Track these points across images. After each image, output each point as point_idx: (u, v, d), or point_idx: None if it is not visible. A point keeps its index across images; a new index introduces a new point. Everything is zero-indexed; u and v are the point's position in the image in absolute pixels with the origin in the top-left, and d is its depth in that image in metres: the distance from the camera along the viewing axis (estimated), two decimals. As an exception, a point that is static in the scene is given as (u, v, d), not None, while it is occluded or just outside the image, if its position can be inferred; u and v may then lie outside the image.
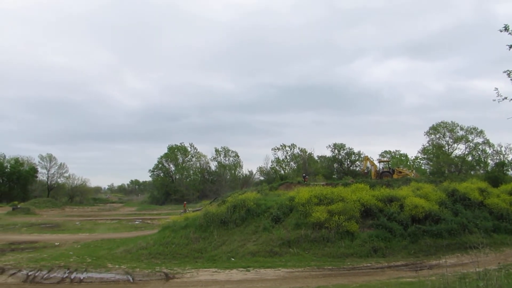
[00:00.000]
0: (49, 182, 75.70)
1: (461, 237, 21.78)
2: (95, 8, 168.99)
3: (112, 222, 40.81)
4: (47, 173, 76.04)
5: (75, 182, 76.32)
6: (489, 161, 55.79)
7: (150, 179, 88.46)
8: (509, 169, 53.54)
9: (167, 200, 75.89)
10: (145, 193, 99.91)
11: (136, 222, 40.77)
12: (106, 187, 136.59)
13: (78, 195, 75.46)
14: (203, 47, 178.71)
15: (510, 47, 8.67)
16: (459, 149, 57.31)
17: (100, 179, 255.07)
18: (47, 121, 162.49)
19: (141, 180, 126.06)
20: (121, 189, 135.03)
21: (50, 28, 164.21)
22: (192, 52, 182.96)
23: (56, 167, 76.50)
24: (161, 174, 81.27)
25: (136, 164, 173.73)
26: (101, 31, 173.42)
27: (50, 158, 76.09)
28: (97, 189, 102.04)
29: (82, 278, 16.61)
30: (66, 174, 77.12)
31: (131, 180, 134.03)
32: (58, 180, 76.94)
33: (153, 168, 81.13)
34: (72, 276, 16.74)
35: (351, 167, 69.20)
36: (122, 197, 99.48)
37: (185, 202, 47.84)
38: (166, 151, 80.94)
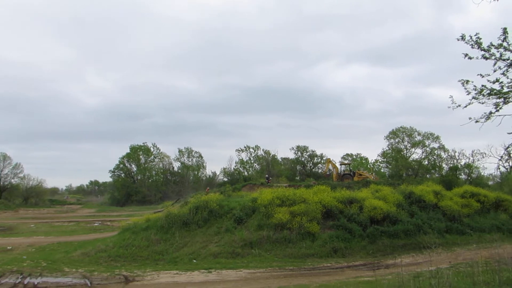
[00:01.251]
0: (1, 183, 72.11)
1: (416, 237, 22.65)
2: (54, 1, 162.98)
3: (70, 224, 39.48)
4: (0, 173, 72.46)
5: (31, 183, 72.99)
6: (443, 165, 58.06)
7: (110, 179, 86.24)
8: (462, 173, 56.13)
9: (128, 201, 74.19)
10: (105, 194, 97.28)
11: (95, 224, 39.60)
12: (64, 188, 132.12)
13: (34, 196, 72.22)
14: (168, 47, 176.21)
15: (465, 56, 9.16)
16: (416, 154, 59.34)
17: (57, 180, 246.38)
18: (0, 118, 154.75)
19: (101, 180, 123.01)
20: (80, 190, 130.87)
21: (3, 21, 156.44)
22: (157, 51, 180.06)
23: (10, 167, 72.93)
24: (122, 175, 79.40)
25: (96, 165, 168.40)
26: (60, 26, 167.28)
27: (4, 157, 72.39)
28: (54, 190, 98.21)
29: (36, 283, 15.98)
30: (21, 175, 73.67)
31: (91, 181, 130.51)
32: (12, 180, 73.34)
33: (114, 169, 79.22)
34: (26, 282, 16.06)
35: (314, 169, 70.23)
36: (80, 198, 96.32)
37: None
38: (128, 151, 79.29)
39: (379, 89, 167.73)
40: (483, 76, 8.81)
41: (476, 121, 9.33)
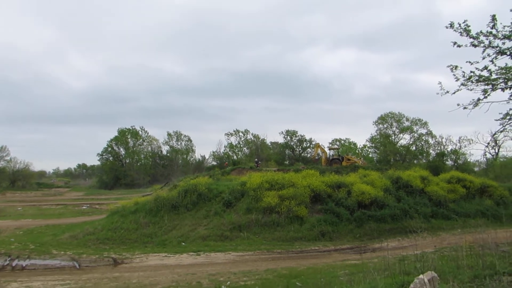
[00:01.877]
0: (-13, 167, 71.11)
1: (402, 222, 22.98)
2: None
3: (58, 207, 39.26)
4: (-15, 157, 71.34)
5: (17, 166, 72.07)
6: (431, 151, 58.84)
7: (98, 163, 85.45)
8: (449, 159, 56.92)
9: (116, 184, 73.84)
10: (93, 178, 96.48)
11: (83, 207, 39.45)
12: (51, 171, 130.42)
13: (21, 179, 71.33)
14: (154, 28, 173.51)
15: (454, 44, 9.16)
16: (404, 139, 60.03)
17: (45, 163, 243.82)
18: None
19: (88, 164, 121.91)
20: (68, 173, 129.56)
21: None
22: (143, 33, 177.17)
23: (-4, 150, 71.81)
24: (110, 158, 78.75)
25: (83, 148, 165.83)
26: (44, 6, 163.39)
27: (-11, 140, 71.35)
28: (42, 173, 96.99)
29: (24, 265, 15.96)
30: (7, 158, 72.68)
31: (78, 164, 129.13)
32: (-2, 164, 72.36)
33: (102, 152, 78.50)
34: (14, 264, 16.04)
35: (303, 154, 70.63)
36: (68, 182, 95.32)
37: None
38: (116, 134, 78.51)
39: (367, 74, 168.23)
40: (471, 63, 8.84)
41: (464, 108, 9.41)
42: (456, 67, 9.20)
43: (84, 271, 15.47)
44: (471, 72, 9.03)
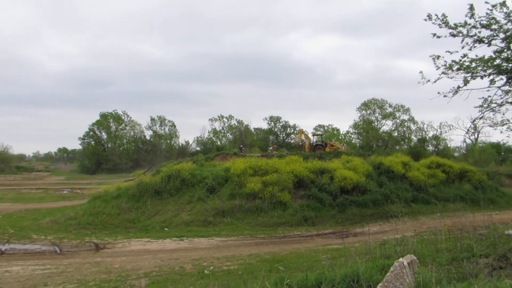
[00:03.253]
0: (-36, 149, 69.43)
1: (384, 207, 23.39)
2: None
3: (38, 192, 38.71)
4: (-37, 139, 69.67)
5: (-4, 149, 70.60)
6: (412, 137, 59.73)
7: (80, 147, 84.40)
8: (430, 145, 57.95)
9: (98, 169, 73.05)
10: (75, 162, 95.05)
11: (64, 192, 39.00)
12: (31, 155, 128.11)
13: (-1, 163, 70.07)
14: (137, 13, 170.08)
15: (434, 35, 9.24)
16: (387, 125, 60.70)
17: (24, 146, 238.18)
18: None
19: (70, 148, 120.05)
20: (48, 157, 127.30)
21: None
22: (125, 17, 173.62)
23: (-27, 133, 70.15)
24: (92, 142, 77.60)
25: (64, 132, 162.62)
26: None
27: (-34, 122, 69.56)
28: (21, 157, 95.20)
29: (3, 249, 15.75)
30: (-15, 140, 71.09)
31: (59, 148, 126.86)
32: (-25, 146, 70.69)
33: (83, 136, 77.22)
34: (-8, 248, 15.81)
35: (287, 140, 70.85)
36: (49, 166, 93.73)
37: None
38: (98, 118, 77.32)
39: (350, 61, 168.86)
40: (451, 53, 8.97)
41: (444, 96, 9.54)
42: (438, 57, 9.31)
43: (65, 256, 15.34)
44: (452, 61, 9.15)
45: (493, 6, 8.30)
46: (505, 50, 8.62)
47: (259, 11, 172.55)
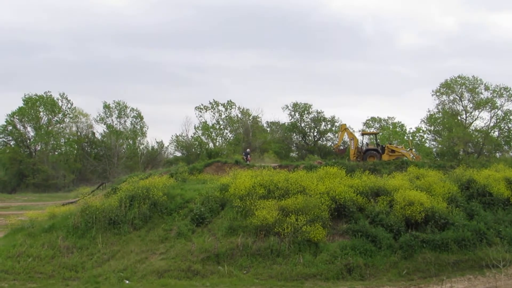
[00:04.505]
0: None
1: (476, 250, 23.18)
2: None
3: None
4: None
5: None
6: (523, 138, 59.08)
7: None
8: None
9: (20, 185, 73.47)
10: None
11: (-32, 220, 39.37)
12: None
13: None
14: None
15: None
16: (482, 119, 59.94)
17: None
18: None
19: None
20: None
21: None
22: None
23: None
24: (12, 143, 78.12)
25: None
26: None
27: None
28: None
29: None
30: None
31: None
32: None
33: (-3, 132, 78.01)
34: None
35: (320, 141, 70.71)
36: None
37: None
38: (20, 104, 77.70)
39: (419, 15, 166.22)
40: None
41: None
42: None
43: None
44: None
45: None
46: None
47: None
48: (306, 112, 71.23)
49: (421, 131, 68.12)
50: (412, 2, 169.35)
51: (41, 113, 77.53)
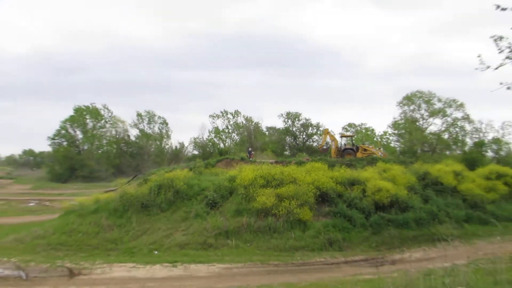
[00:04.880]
0: None
1: (429, 227, 23.28)
2: None
3: (-2, 204, 39.21)
4: None
5: None
6: (467, 140, 59.01)
7: (49, 149, 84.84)
8: (489, 150, 57.08)
9: (72, 177, 73.35)
10: (43, 168, 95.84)
11: (31, 204, 39.44)
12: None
13: (-50, 167, 71.13)
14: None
15: (497, 7, 9.17)
16: (435, 125, 59.93)
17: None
18: None
19: (37, 150, 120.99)
20: (10, 161, 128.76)
21: None
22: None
23: None
24: (65, 143, 77.97)
25: (29, 130, 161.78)
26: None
27: None
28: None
29: (-44, 274, 16.01)
30: None
31: (24, 150, 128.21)
32: None
33: (53, 135, 77.65)
34: None
35: (307, 142, 70.64)
36: (11, 172, 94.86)
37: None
38: (71, 113, 77.73)
39: (386, 41, 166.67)
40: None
41: (508, 88, 9.46)
42: (501, 38, 9.21)
43: (33, 282, 15.55)
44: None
45: None
46: None
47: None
48: (296, 119, 71.54)
49: (387, 134, 68.36)
50: (379, 32, 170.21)
51: (88, 120, 77.93)
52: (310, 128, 71.07)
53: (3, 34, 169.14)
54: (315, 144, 67.11)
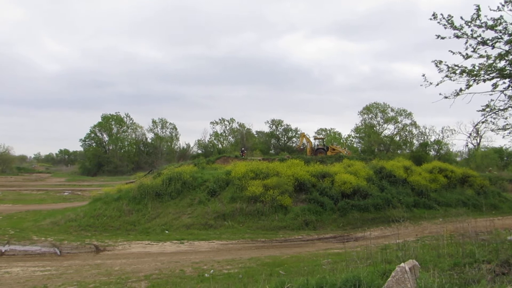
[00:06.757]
0: (-34, 149, 69.55)
1: (385, 211, 23.35)
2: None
3: (38, 193, 38.74)
4: (-36, 140, 69.65)
5: (-3, 150, 70.61)
6: (414, 141, 59.64)
7: (81, 149, 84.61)
8: (432, 150, 57.79)
9: (99, 171, 73.08)
10: (76, 164, 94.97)
11: (65, 194, 39.00)
12: (32, 156, 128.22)
13: (1, 163, 70.07)
14: (130, 11, 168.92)
15: (438, 37, 9.19)
16: (389, 129, 60.64)
17: (25, 148, 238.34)
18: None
19: (71, 150, 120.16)
20: (49, 158, 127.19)
21: None
22: (117, 16, 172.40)
23: (-26, 133, 70.11)
24: (94, 144, 77.74)
25: (64, 133, 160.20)
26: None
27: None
28: (22, 158, 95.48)
29: (3, 250, 15.74)
30: (-14, 141, 71.18)
31: (60, 150, 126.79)
32: (-23, 147, 70.73)
33: (84, 138, 77.46)
34: (-8, 249, 15.79)
35: (288, 143, 70.86)
36: (50, 167, 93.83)
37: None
38: (99, 120, 77.51)
39: (347, 64, 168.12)
40: (453, 53, 8.91)
41: (445, 97, 9.48)
42: (440, 62, 9.27)
43: (65, 257, 15.33)
44: (455, 65, 9.10)
45: (505, 2, 8.21)
46: (510, 53, 8.57)
47: (256, 12, 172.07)
48: (279, 125, 72.36)
49: (351, 137, 69.15)
50: (343, 56, 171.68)
51: (113, 125, 77.80)
52: (290, 132, 71.95)
53: (45, 58, 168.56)
54: (294, 145, 67.43)
